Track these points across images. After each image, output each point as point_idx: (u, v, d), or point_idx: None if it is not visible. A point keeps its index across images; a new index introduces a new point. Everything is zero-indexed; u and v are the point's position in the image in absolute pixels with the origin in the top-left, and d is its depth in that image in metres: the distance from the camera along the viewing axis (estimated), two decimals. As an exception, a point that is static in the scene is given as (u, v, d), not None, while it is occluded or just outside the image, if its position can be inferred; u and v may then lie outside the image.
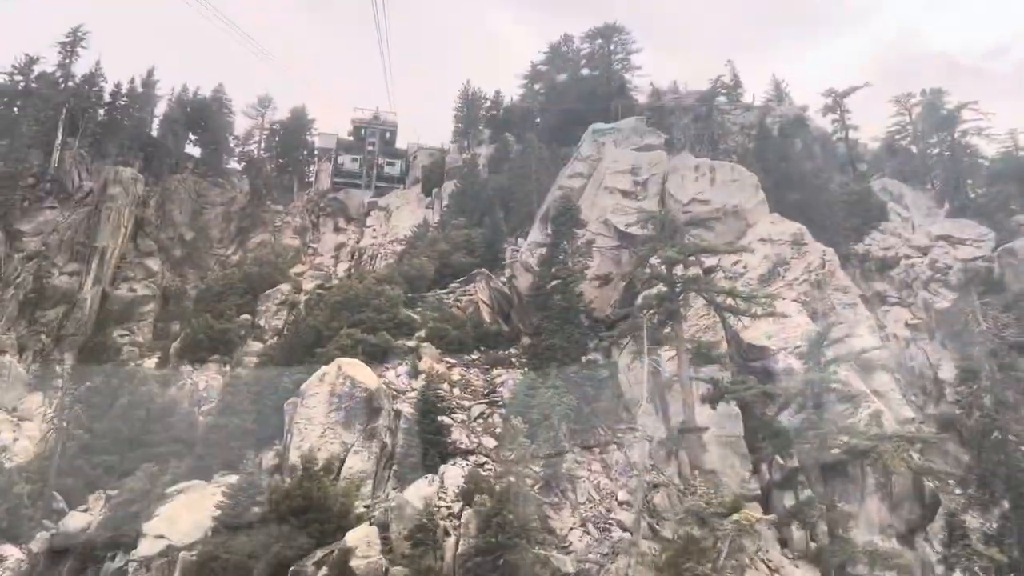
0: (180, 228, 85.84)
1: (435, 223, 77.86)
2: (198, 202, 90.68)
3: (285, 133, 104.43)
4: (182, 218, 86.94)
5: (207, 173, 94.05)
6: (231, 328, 63.02)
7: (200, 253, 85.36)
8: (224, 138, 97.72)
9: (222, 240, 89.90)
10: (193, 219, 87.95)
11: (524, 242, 66.11)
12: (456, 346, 49.74)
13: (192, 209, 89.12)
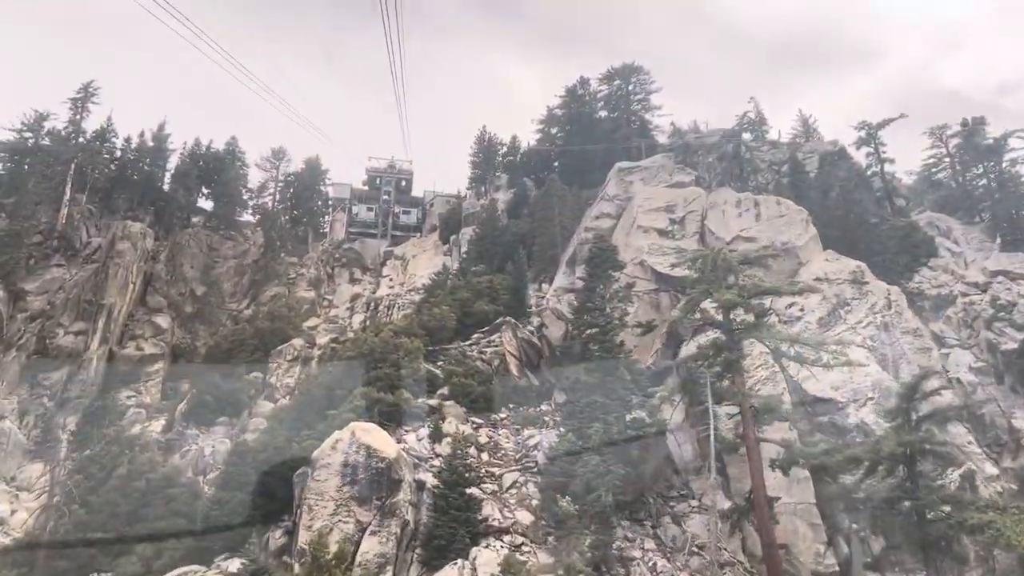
0: (191, 283, 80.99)
1: (454, 270, 72.62)
2: (210, 256, 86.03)
3: (299, 184, 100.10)
4: (193, 273, 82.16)
5: (219, 226, 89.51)
6: (240, 387, 57.65)
7: (211, 308, 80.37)
8: (237, 191, 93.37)
9: (234, 294, 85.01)
10: (204, 274, 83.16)
11: (549, 288, 60.78)
12: (482, 404, 44.06)
13: (203, 263, 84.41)
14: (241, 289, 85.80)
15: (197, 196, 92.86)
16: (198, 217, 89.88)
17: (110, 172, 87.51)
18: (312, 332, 66.99)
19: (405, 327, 50.38)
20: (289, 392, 59.14)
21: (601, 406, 37.57)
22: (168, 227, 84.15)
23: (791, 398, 37.07)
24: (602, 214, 58.71)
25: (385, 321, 69.49)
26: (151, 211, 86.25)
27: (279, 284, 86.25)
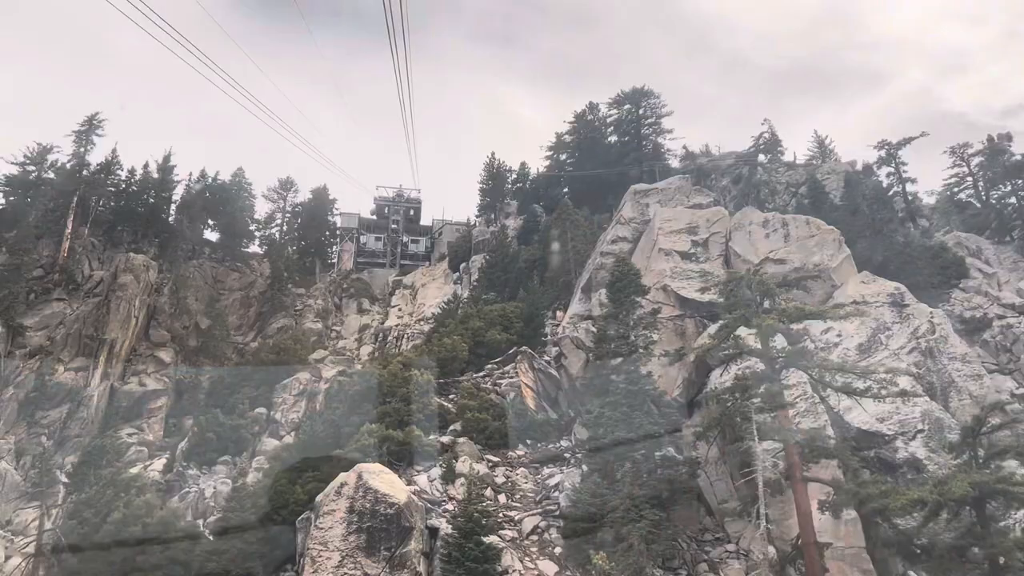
0: (196, 316, 78.17)
1: (465, 299, 69.60)
2: (215, 288, 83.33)
3: (306, 214, 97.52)
4: (198, 305, 79.37)
5: (225, 258, 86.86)
6: (243, 424, 54.38)
7: (216, 342, 77.42)
8: (243, 222, 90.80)
9: (240, 327, 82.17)
10: (209, 306, 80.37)
11: (563, 315, 57.61)
12: (498, 440, 40.72)
13: (209, 296, 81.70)
14: (247, 321, 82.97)
15: (203, 228, 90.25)
16: (204, 249, 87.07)
17: (114, 204, 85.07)
18: (319, 365, 63.83)
19: (415, 359, 47.20)
20: (295, 428, 55.90)
21: (627, 443, 34.20)
22: (173, 259, 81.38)
23: (833, 432, 33.64)
24: (618, 238, 55.67)
25: (394, 352, 66.34)
26: (156, 243, 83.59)
27: (286, 316, 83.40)
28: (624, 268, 38.17)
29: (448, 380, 46.89)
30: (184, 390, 71.14)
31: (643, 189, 59.01)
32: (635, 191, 58.53)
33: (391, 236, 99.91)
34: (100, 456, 60.32)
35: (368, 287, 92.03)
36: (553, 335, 50.77)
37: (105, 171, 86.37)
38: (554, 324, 57.28)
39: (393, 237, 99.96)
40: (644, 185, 61.17)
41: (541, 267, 69.45)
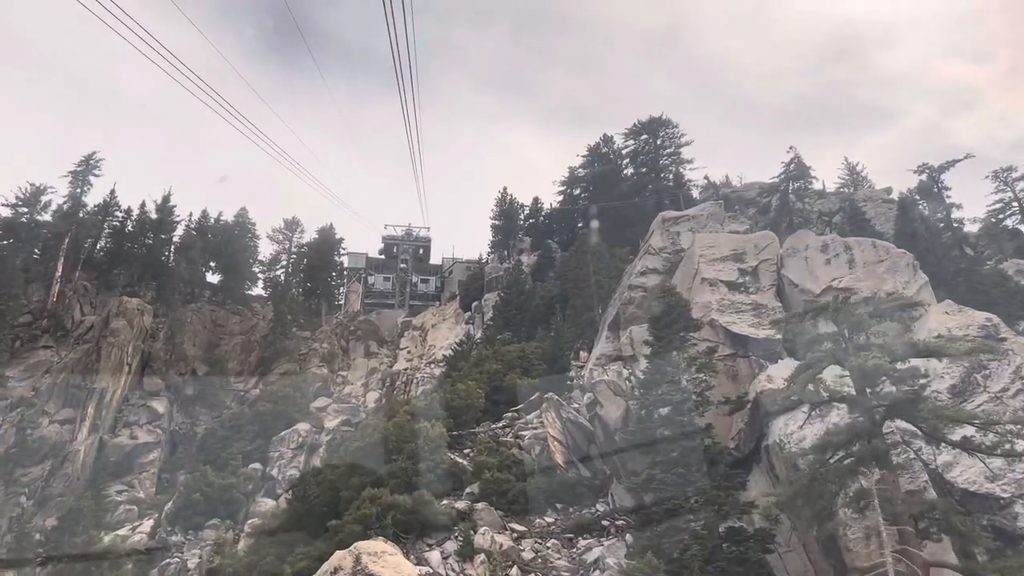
0: (193, 362, 71.69)
1: (478, 339, 62.92)
2: (215, 333, 76.92)
3: (312, 254, 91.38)
4: (195, 351, 72.94)
5: (226, 301, 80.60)
6: (235, 483, 47.49)
7: (214, 389, 70.89)
8: (245, 263, 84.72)
9: (241, 373, 75.51)
10: (208, 352, 73.95)
11: (587, 356, 50.85)
12: (522, 504, 33.70)
13: (207, 341, 75.28)
14: (248, 367, 76.37)
15: (203, 270, 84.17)
16: (204, 292, 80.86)
17: (110, 246, 79.23)
18: (321, 414, 56.98)
19: (424, 407, 40.38)
20: (293, 486, 48.97)
21: (688, 510, 27.21)
22: (170, 303, 75.14)
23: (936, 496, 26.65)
24: (648, 269, 49.11)
25: (402, 398, 59.54)
26: (153, 287, 77.50)
27: (289, 361, 76.84)
28: (671, 299, 31.52)
29: (462, 432, 40.03)
30: (179, 442, 64.48)
31: (673, 216, 52.57)
32: (664, 219, 52.08)
33: (400, 276, 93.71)
34: (78, 520, 53.72)
35: (376, 329, 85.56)
36: (579, 379, 43.86)
37: (103, 212, 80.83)
38: (578, 366, 50.52)
39: (402, 277, 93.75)
40: (674, 212, 54.74)
41: (560, 304, 62.85)
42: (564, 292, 62.66)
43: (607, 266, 57.33)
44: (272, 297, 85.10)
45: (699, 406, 29.07)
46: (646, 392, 30.52)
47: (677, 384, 29.74)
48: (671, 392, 29.53)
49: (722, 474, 28.15)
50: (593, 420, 36.87)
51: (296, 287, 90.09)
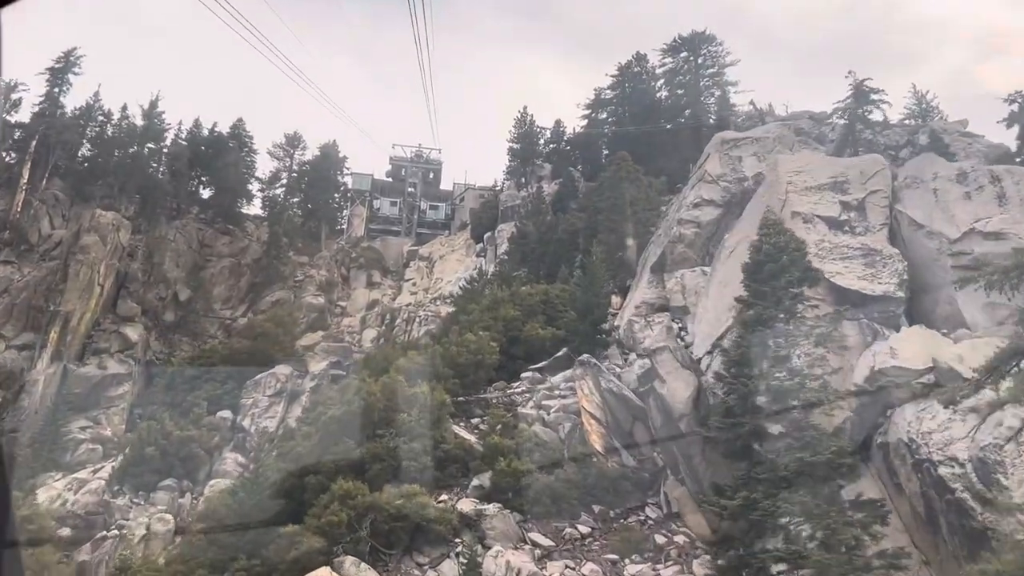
0: (174, 285, 61.70)
1: (491, 275, 52.65)
2: (201, 254, 66.70)
3: (313, 173, 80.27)
4: (178, 273, 62.86)
5: (215, 219, 70.04)
6: (197, 436, 37.89)
7: (197, 316, 61.20)
8: (239, 178, 73.64)
9: (229, 299, 65.61)
10: (192, 275, 63.88)
11: (620, 301, 40.61)
12: (548, 505, 24.00)
13: (192, 263, 65.13)
14: (237, 294, 66.39)
15: (192, 184, 73.38)
16: (192, 208, 70.26)
17: (88, 154, 68.43)
18: (307, 355, 47.09)
19: (423, 363, 30.31)
20: (268, 440, 39.51)
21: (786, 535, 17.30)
22: (153, 219, 64.69)
23: None
24: (702, 200, 38.46)
25: (402, 339, 49.62)
26: (136, 200, 66.80)
27: (283, 288, 66.82)
28: (778, 239, 20.98)
29: (470, 397, 30.11)
30: (156, 374, 54.90)
31: (733, 138, 41.58)
32: (722, 141, 41.12)
33: (407, 201, 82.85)
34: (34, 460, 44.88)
35: (380, 257, 75.26)
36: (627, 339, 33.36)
37: (84, 117, 69.77)
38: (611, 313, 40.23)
39: (409, 202, 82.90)
40: (734, 133, 43.70)
41: (586, 239, 52.21)
42: (591, 225, 51.94)
43: (645, 196, 46.57)
44: (269, 217, 74.50)
45: (820, 394, 18.84)
46: (739, 371, 20.23)
47: (786, 362, 19.46)
48: (776, 373, 19.26)
49: (849, 502, 18.11)
50: (647, 395, 26.72)
51: (294, 208, 79.33)
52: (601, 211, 48.54)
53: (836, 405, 19.26)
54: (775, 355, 19.55)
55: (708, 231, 38.61)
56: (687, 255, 38.19)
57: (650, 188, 48.67)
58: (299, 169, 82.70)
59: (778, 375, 19.02)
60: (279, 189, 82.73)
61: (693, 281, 35.44)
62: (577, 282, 41.24)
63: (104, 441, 47.23)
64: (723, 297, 29.85)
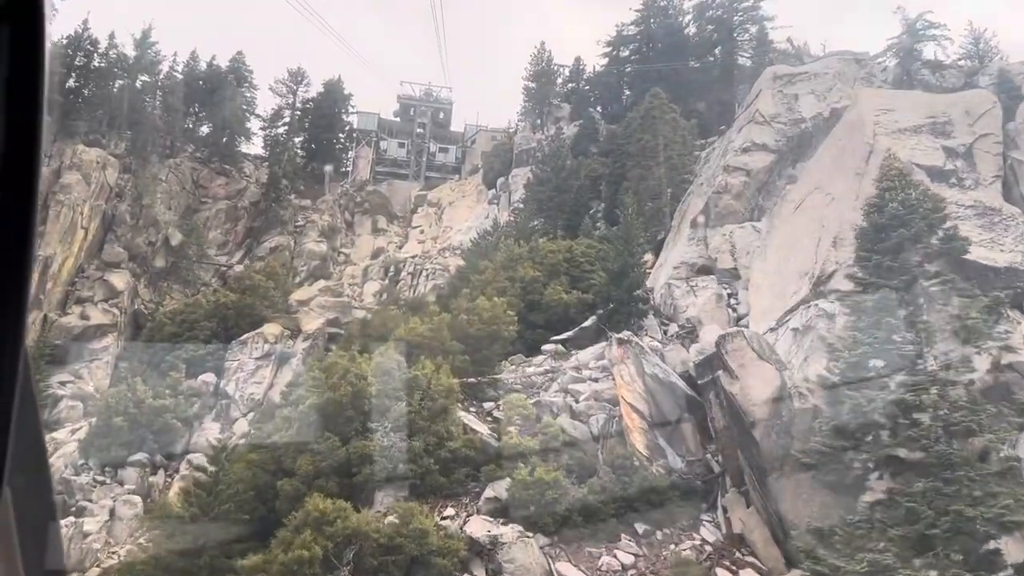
0: (166, 229, 55.78)
1: (504, 224, 46.56)
2: (195, 196, 60.69)
3: (316, 111, 73.42)
4: (170, 216, 56.87)
5: (212, 158, 63.72)
6: (172, 405, 32.49)
7: (190, 263, 55.45)
8: (237, 115, 66.97)
9: (225, 245, 59.84)
10: (185, 218, 57.97)
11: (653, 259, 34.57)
12: (580, 524, 18.53)
13: (185, 205, 59.18)
14: (235, 238, 60.55)
15: (190, 122, 66.93)
16: (187, 147, 63.86)
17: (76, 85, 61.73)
18: (300, 312, 41.37)
19: (428, 334, 24.53)
20: (255, 407, 34.16)
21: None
22: (144, 158, 58.41)
23: None
24: (753, 144, 32.14)
25: (407, 294, 43.95)
26: (127, 137, 60.38)
27: (283, 233, 60.93)
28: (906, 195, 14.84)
29: (483, 378, 24.40)
30: (144, 324, 49.52)
31: (788, 74, 34.98)
32: (775, 76, 34.54)
33: (416, 142, 76.09)
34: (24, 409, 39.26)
35: (386, 202, 69.06)
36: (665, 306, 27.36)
37: (72, 46, 62.78)
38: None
39: (418, 143, 76.12)
40: (788, 68, 37.00)
41: (610, 187, 46.09)
42: (617, 171, 45.62)
43: (681, 139, 40.12)
44: (269, 158, 68.09)
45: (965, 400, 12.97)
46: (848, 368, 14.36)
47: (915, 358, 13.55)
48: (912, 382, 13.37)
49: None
50: (706, 388, 20.80)
51: (297, 148, 72.73)
52: (630, 155, 42.11)
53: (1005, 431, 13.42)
54: (902, 354, 13.67)
55: (759, 180, 32.38)
56: (733, 208, 32.10)
57: (685, 131, 42.07)
58: (302, 107, 75.80)
59: (916, 385, 13.21)
60: (281, 128, 75.91)
61: (744, 239, 29.41)
62: (605, 236, 35.25)
63: (86, 398, 41.99)
64: (788, 262, 23.87)
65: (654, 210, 38.20)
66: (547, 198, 46.78)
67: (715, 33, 62.99)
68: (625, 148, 45.35)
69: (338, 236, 63.48)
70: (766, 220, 27.88)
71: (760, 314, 24.25)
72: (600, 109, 68.46)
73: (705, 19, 64.18)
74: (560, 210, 46.34)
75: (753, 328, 23.86)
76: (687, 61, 62.95)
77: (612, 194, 45.71)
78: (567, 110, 67.97)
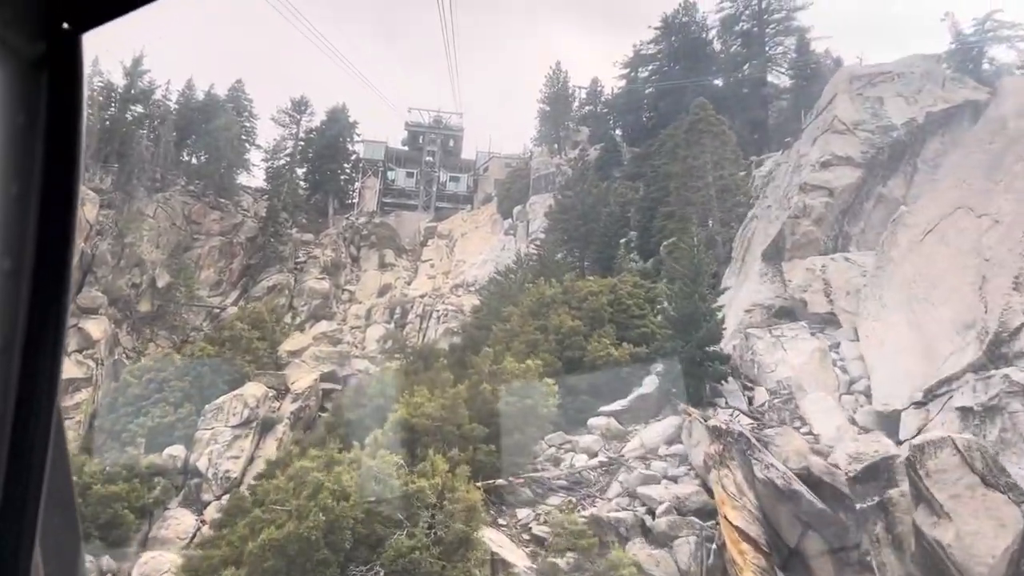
0: (152, 269, 49.21)
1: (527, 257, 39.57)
2: (187, 232, 54.17)
3: (320, 140, 67.20)
4: (158, 255, 50.25)
5: (205, 192, 57.35)
6: (126, 491, 25.40)
7: (178, 306, 48.77)
8: (234, 145, 60.72)
9: (219, 284, 53.22)
10: (174, 256, 51.41)
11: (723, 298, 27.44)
12: None
13: (175, 242, 52.58)
14: (228, 277, 53.91)
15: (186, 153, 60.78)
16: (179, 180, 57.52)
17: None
18: (290, 364, 34.32)
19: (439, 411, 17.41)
20: (233, 487, 27.05)
21: None
22: (130, 192, 52.06)
23: None
24: (833, 158, 25.24)
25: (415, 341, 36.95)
26: (114, 170, 54.11)
27: (282, 271, 54.30)
28: None
29: (514, 477, 17.23)
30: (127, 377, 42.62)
31: (867, 74, 28.13)
32: (852, 77, 27.73)
33: (425, 171, 69.65)
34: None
35: (394, 235, 62.43)
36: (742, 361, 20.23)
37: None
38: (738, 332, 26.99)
39: (427, 172, 69.68)
40: (866, 68, 30.07)
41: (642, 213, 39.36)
42: (651, 196, 38.81)
43: (733, 156, 33.27)
44: (269, 190, 61.76)
45: None
46: None
47: None
48: None
49: None
50: (869, 515, 13.32)
51: (300, 180, 66.42)
52: (671, 175, 35.20)
53: None
54: None
55: (843, 200, 25.35)
56: (814, 235, 25.03)
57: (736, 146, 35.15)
58: (307, 137, 69.60)
59: None
60: (284, 160, 69.68)
61: (841, 275, 22.32)
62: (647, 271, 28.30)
63: (54, 462, 34.97)
64: (929, 309, 16.76)
65: (706, 238, 31.18)
66: (573, 227, 39.89)
67: (744, 48, 56.54)
68: (661, 169, 38.59)
69: (342, 272, 56.79)
70: (878, 251, 20.78)
71: (889, 380, 17.15)
72: (621, 131, 62.10)
73: (733, 34, 57.70)
74: (587, 240, 39.47)
75: (881, 398, 16.72)
76: (713, 78, 56.56)
77: (646, 222, 38.85)
78: (586, 133, 61.46)
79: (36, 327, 1.22)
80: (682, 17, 61.80)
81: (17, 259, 1.19)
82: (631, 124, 62.46)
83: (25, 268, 1.20)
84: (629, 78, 64.81)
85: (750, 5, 56.28)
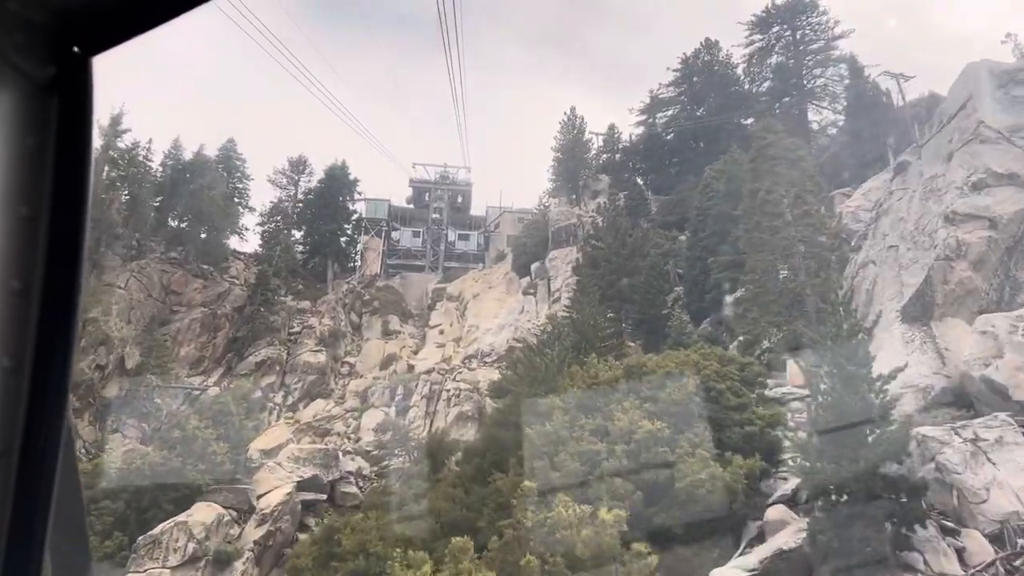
0: (120, 348, 41.61)
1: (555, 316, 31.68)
2: (165, 304, 46.79)
3: (318, 200, 60.44)
4: (128, 331, 42.77)
5: (187, 259, 50.18)
6: None
7: (151, 390, 40.87)
8: (221, 206, 53.76)
9: (200, 361, 45.47)
10: (147, 332, 43.87)
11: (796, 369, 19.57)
12: None
13: (150, 315, 45.17)
14: (212, 354, 46.20)
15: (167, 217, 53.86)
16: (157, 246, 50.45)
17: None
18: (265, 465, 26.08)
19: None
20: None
21: None
22: (97, 262, 44.90)
23: None
24: (988, 175, 17.70)
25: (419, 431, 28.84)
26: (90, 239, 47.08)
27: (272, 344, 46.54)
28: None
29: None
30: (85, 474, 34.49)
31: (1011, 71, 20.80)
32: (992, 73, 20.39)
33: (432, 230, 62.56)
34: None
35: (400, 299, 54.93)
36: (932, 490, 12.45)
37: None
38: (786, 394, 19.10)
39: (435, 231, 62.59)
40: (1008, 63, 22.79)
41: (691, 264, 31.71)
42: (700, 243, 31.25)
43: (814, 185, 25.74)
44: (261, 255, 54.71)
45: None
46: None
47: None
48: None
49: None
50: None
51: (297, 243, 59.46)
52: (730, 218, 27.60)
53: None
54: None
55: (1011, 233, 17.53)
56: (972, 284, 17.14)
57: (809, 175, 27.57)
58: (305, 198, 62.91)
59: None
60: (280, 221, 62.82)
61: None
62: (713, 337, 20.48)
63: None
64: None
65: (790, 294, 23.30)
66: (607, 283, 32.17)
67: (779, 83, 49.92)
68: (711, 211, 31.07)
69: (341, 342, 49.07)
70: None
71: None
72: (641, 179, 55.21)
73: (764, 67, 51.18)
74: (625, 300, 31.72)
75: None
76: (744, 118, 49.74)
77: (696, 274, 31.18)
78: (606, 181, 54.34)
79: (45, 345, 1.21)
80: (704, 56, 55.54)
81: (27, 278, 1.18)
82: (653, 170, 55.75)
83: (35, 287, 1.19)
84: (647, 124, 58.34)
85: (783, 36, 49.90)
